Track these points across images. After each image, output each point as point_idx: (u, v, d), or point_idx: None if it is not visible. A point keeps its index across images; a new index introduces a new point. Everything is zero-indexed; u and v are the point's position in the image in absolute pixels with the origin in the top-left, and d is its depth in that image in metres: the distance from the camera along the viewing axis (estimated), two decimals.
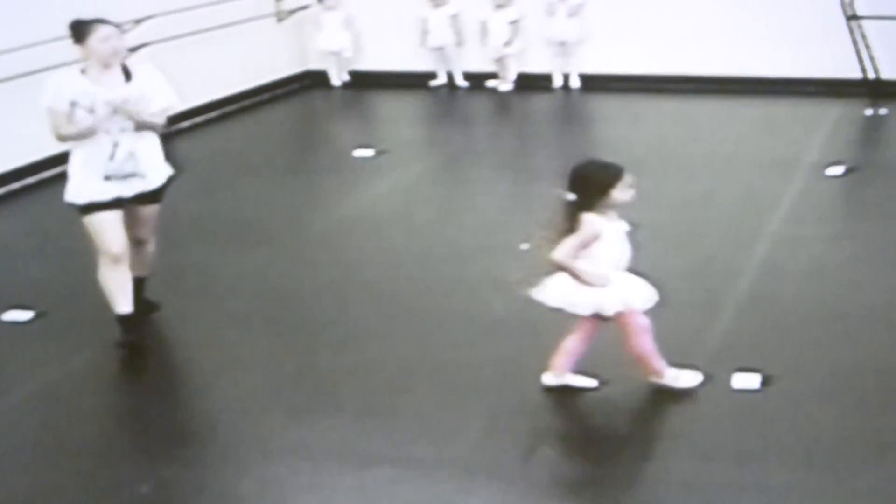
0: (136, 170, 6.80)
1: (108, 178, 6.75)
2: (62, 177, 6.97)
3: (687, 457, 5.51)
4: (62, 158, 7.02)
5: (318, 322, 7.41)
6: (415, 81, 15.15)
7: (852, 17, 12.97)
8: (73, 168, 6.84)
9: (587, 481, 5.32)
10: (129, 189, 6.84)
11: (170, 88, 6.95)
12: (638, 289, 5.91)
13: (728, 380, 6.16)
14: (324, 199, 10.21)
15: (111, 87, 6.69)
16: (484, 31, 14.66)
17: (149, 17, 12.02)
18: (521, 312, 7.29)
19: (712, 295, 7.47)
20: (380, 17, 14.94)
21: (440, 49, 15.04)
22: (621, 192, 5.79)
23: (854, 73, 13.26)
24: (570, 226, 5.76)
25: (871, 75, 13.22)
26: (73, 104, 6.63)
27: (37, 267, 8.69)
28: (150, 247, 7.31)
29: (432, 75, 15.21)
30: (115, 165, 6.74)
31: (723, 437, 5.70)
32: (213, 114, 13.65)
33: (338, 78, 15.43)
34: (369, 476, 5.39)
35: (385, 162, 11.34)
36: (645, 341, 5.97)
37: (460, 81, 15.14)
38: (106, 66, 6.71)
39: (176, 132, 6.66)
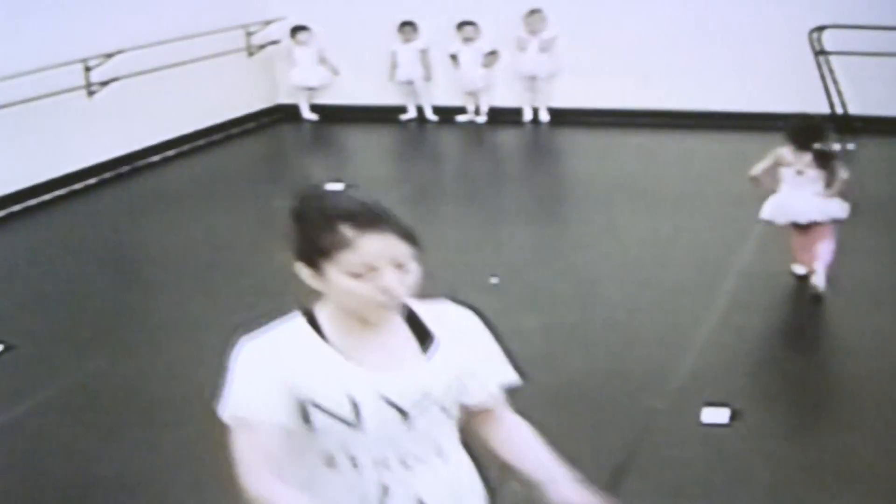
0: None
1: None
2: (28, 210, 5.85)
3: (655, 491, 5.52)
4: (30, 192, 4.80)
5: None
6: (384, 116, 15.18)
7: (820, 53, 13.08)
8: None
9: None
10: None
11: (500, 353, 3.32)
12: None
13: (697, 414, 6.18)
14: None
15: (392, 368, 3.06)
16: (454, 64, 14.71)
17: (119, 52, 12.03)
18: None
19: (681, 329, 7.50)
20: (349, 52, 14.97)
21: (409, 83, 15.09)
22: None
23: (822, 109, 13.34)
24: (823, 165, 8.00)
25: (838, 110, 13.33)
26: (310, 406, 2.97)
27: (5, 300, 8.65)
28: None
29: (402, 109, 15.26)
30: None
31: (692, 472, 5.71)
32: (184, 147, 13.61)
33: (310, 112, 15.44)
34: None
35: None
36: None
37: (430, 115, 15.19)
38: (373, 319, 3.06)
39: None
